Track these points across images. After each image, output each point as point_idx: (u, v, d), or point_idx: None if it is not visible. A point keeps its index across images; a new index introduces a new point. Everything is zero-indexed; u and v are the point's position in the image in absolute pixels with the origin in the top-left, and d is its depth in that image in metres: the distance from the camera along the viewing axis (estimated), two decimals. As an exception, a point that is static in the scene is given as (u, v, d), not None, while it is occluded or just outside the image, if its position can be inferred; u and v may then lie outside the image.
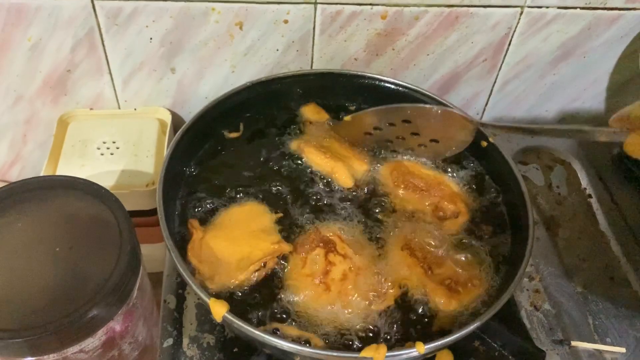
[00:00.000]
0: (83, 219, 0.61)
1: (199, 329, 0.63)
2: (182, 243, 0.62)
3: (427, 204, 0.68)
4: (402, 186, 0.69)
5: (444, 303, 0.59)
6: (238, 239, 0.61)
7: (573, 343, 0.65)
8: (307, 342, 0.53)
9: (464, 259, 0.63)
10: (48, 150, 0.79)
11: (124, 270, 0.57)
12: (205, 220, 0.64)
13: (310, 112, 0.77)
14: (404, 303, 0.59)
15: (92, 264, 0.57)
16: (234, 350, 0.60)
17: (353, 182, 0.69)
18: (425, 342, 0.50)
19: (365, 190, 0.69)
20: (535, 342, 0.65)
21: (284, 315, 0.56)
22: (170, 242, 0.55)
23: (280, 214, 0.65)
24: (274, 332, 0.53)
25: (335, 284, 0.58)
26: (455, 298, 0.59)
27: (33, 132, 0.88)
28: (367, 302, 0.57)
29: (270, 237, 0.62)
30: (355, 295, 0.57)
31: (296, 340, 0.52)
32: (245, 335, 0.50)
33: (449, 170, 0.72)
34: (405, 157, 0.73)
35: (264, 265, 0.60)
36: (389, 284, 0.59)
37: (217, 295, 0.56)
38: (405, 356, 0.49)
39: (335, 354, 0.48)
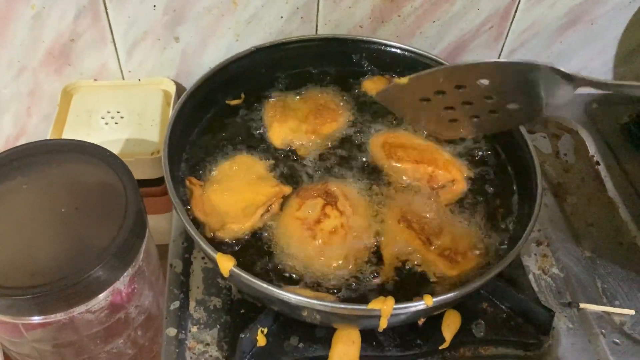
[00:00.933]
0: (89, 181, 0.61)
1: (206, 292, 0.63)
2: (187, 205, 0.62)
3: (421, 173, 0.66)
4: (395, 158, 0.67)
5: (445, 272, 0.58)
6: (238, 189, 0.62)
7: (582, 305, 0.65)
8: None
9: (461, 227, 0.62)
10: (52, 122, 0.79)
11: (130, 232, 0.57)
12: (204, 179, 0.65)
13: (371, 85, 0.75)
14: (403, 275, 0.58)
15: (97, 225, 0.57)
16: (241, 311, 0.60)
17: (281, 142, 0.68)
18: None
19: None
20: (544, 304, 0.65)
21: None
22: (176, 199, 0.55)
23: (272, 161, 0.66)
24: (280, 286, 0.53)
25: (323, 235, 0.58)
26: (455, 268, 0.58)
27: (37, 104, 0.87)
28: (347, 263, 0.58)
29: (268, 182, 0.63)
30: (339, 251, 0.58)
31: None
32: (253, 289, 0.50)
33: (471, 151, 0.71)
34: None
35: (270, 209, 0.61)
36: (385, 255, 0.59)
37: (227, 245, 0.57)
38: (413, 309, 0.49)
39: (343, 306, 0.48)
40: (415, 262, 0.59)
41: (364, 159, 0.68)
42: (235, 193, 0.62)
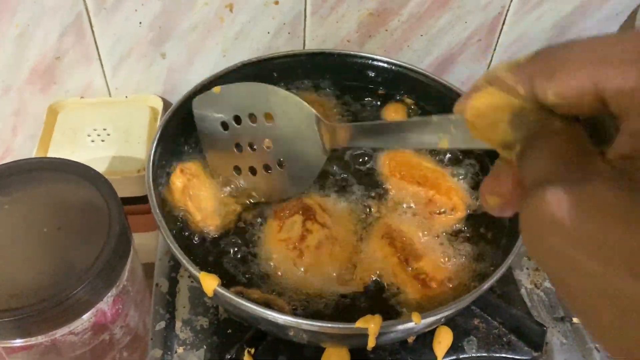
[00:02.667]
0: (71, 200, 0.60)
1: (192, 311, 0.62)
2: (173, 224, 0.61)
3: (421, 196, 0.65)
4: (398, 176, 0.66)
5: (411, 295, 0.55)
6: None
7: (575, 319, 0.64)
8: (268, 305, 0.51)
9: (447, 256, 0.59)
10: (38, 140, 0.78)
11: (113, 251, 0.55)
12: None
13: (389, 112, 0.74)
14: (373, 291, 0.56)
15: (80, 245, 0.56)
16: (228, 331, 0.59)
17: None
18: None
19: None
20: (536, 319, 0.64)
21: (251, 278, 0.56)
22: (160, 218, 0.54)
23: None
24: (267, 305, 0.52)
25: (310, 251, 0.57)
26: (425, 293, 0.56)
27: (22, 123, 0.86)
28: (335, 275, 0.56)
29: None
30: (329, 265, 0.57)
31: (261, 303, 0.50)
32: (238, 309, 0.49)
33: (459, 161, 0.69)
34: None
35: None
36: (359, 268, 0.58)
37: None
38: (401, 327, 0.48)
39: (329, 325, 0.47)
40: (388, 281, 0.57)
41: (362, 168, 0.67)
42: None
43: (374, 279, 0.57)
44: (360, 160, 0.68)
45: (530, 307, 0.65)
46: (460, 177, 0.67)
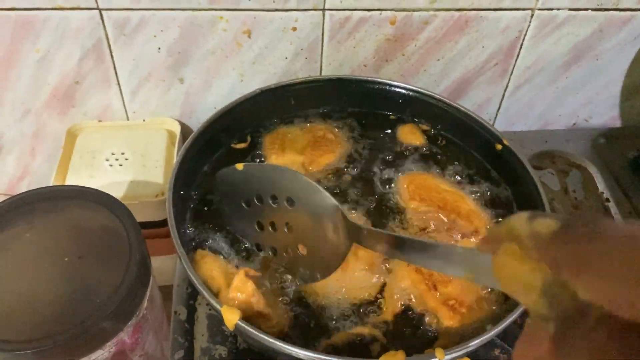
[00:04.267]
0: (92, 228, 0.60)
1: (211, 340, 0.62)
2: (193, 250, 0.61)
3: (443, 221, 0.64)
4: (418, 200, 0.66)
5: (445, 322, 0.56)
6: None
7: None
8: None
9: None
10: (56, 163, 0.79)
11: (134, 280, 0.56)
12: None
13: (405, 133, 0.75)
14: (403, 320, 0.56)
15: (101, 274, 0.56)
16: (247, 361, 0.59)
17: None
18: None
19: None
20: (557, 349, 0.63)
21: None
22: (180, 248, 0.54)
23: None
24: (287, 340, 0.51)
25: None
26: (457, 319, 0.56)
27: (41, 145, 0.87)
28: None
29: None
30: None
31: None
32: (259, 343, 0.49)
33: (474, 182, 0.69)
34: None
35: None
36: (387, 297, 0.58)
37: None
38: (425, 363, 0.47)
39: (352, 361, 0.46)
40: (418, 309, 0.57)
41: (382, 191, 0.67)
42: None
43: (403, 307, 0.57)
44: (380, 183, 0.68)
45: (550, 336, 0.64)
46: (477, 195, 0.67)
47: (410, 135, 0.74)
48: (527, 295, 0.28)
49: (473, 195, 0.68)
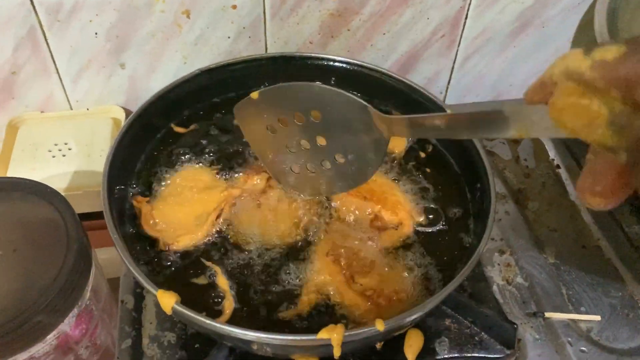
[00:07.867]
0: (28, 220, 0.58)
1: (159, 327, 0.61)
2: (135, 239, 0.59)
3: (367, 212, 0.63)
4: None
5: (360, 314, 0.54)
6: (188, 201, 0.62)
7: (547, 314, 0.64)
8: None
9: (390, 270, 0.58)
10: (-2, 158, 0.76)
11: (72, 270, 0.54)
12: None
13: None
14: (321, 310, 0.55)
15: (37, 266, 0.54)
16: (196, 346, 0.58)
17: None
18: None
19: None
20: (509, 316, 0.63)
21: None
22: (115, 234, 0.53)
23: (219, 165, 0.66)
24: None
25: (269, 204, 0.61)
26: (374, 310, 0.54)
27: (-18, 141, 0.84)
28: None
29: (217, 188, 0.63)
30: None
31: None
32: (197, 325, 0.48)
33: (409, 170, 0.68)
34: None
35: (221, 214, 0.61)
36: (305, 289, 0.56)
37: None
38: (365, 335, 0.47)
39: (291, 337, 0.46)
40: (335, 300, 0.55)
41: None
42: (185, 205, 0.62)
43: (320, 300, 0.55)
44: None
45: (502, 304, 0.65)
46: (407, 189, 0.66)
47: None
48: (594, 131, 0.28)
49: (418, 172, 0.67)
